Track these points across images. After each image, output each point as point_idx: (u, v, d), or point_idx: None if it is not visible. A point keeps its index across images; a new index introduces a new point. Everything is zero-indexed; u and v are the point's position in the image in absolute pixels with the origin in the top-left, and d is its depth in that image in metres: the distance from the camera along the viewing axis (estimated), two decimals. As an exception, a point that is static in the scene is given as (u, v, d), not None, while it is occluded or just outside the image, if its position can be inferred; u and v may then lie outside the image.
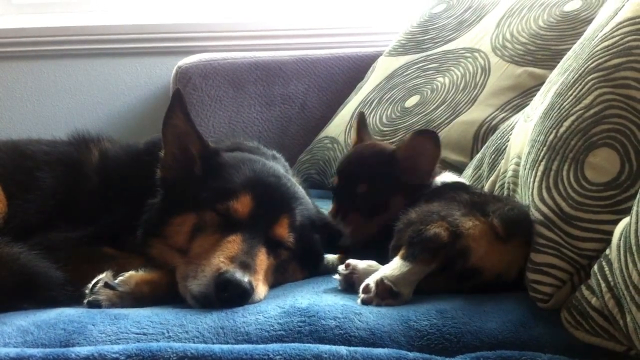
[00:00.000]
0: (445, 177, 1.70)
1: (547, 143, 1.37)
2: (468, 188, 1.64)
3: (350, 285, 1.39)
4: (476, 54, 2.52)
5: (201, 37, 3.43)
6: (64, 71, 3.39)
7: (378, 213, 1.64)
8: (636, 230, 1.08)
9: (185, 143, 1.56)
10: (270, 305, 1.28)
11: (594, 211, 1.25)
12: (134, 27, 3.41)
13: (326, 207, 1.78)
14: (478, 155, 2.00)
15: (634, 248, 1.08)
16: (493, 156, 1.84)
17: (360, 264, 1.40)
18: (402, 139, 1.66)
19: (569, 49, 1.67)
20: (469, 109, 2.36)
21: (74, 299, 1.38)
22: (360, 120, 1.88)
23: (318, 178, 2.78)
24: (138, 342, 1.16)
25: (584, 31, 1.66)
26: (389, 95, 2.70)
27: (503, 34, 2.47)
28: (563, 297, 1.28)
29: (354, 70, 3.16)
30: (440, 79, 2.57)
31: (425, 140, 1.61)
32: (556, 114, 1.38)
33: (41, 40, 3.35)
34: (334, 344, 1.16)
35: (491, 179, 1.75)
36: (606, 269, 1.16)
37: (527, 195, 1.39)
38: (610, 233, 1.19)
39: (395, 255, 1.35)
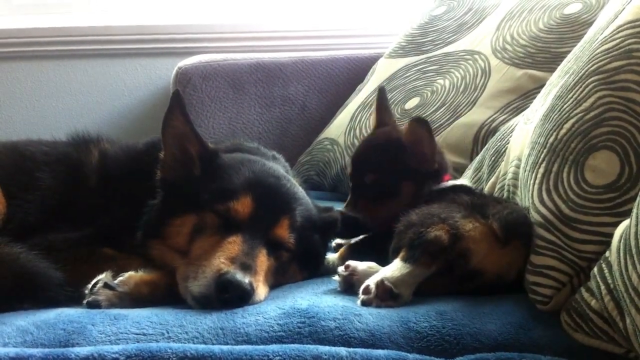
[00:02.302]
0: (456, 181, 1.70)
1: (547, 145, 1.37)
2: (473, 192, 1.63)
3: (350, 286, 1.39)
4: (476, 56, 2.52)
5: (201, 38, 3.43)
6: (64, 72, 3.39)
7: (389, 197, 1.64)
8: (636, 233, 1.08)
9: (185, 144, 1.56)
10: (270, 306, 1.28)
11: (593, 213, 1.26)
12: (134, 27, 3.41)
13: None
14: (478, 158, 2.00)
15: (633, 250, 1.08)
16: (493, 158, 1.84)
17: (360, 266, 1.40)
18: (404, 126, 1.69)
19: (569, 51, 1.68)
20: (469, 111, 2.36)
21: (74, 299, 1.38)
22: (380, 99, 1.84)
23: (318, 179, 2.78)
24: (137, 342, 1.16)
25: (584, 34, 1.66)
26: (389, 97, 2.69)
27: (503, 37, 2.47)
28: (562, 300, 1.28)
29: (354, 72, 3.16)
30: (440, 81, 2.57)
31: (418, 127, 1.62)
32: (556, 116, 1.38)
33: (41, 40, 3.35)
34: (334, 345, 1.16)
35: (491, 181, 1.75)
36: (606, 271, 1.16)
37: (527, 197, 1.39)
38: (610, 235, 1.19)
39: (395, 257, 1.35)
